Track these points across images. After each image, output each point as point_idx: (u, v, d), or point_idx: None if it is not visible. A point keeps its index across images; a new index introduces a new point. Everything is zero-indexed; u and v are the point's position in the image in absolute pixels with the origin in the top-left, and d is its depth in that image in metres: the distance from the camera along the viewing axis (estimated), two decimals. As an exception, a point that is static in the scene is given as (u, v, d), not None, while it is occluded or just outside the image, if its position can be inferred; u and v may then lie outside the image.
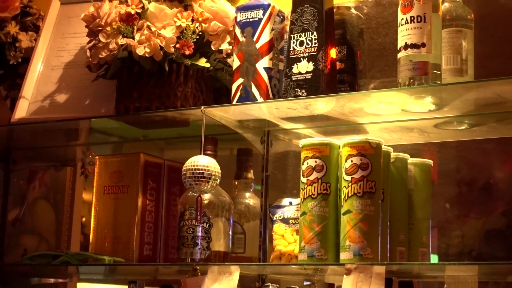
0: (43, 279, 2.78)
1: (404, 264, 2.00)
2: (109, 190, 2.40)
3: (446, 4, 1.99)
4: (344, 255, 1.93)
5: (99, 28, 2.26)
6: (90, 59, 2.29)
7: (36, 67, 2.54)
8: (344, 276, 1.88)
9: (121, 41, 2.21)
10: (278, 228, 2.15)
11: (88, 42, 2.31)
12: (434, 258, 2.14)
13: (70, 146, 2.75)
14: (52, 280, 2.79)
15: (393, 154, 2.04)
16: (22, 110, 2.49)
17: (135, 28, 2.21)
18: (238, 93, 2.12)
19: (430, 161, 2.10)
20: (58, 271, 2.61)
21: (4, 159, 2.76)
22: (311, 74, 2.02)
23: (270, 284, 2.06)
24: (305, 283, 2.27)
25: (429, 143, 2.27)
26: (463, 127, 2.17)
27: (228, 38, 2.21)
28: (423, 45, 1.91)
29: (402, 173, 2.04)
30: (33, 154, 2.79)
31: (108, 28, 2.23)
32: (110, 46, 2.22)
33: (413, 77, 1.91)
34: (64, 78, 2.49)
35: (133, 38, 2.20)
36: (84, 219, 2.83)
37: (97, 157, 2.47)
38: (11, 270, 2.68)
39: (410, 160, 2.07)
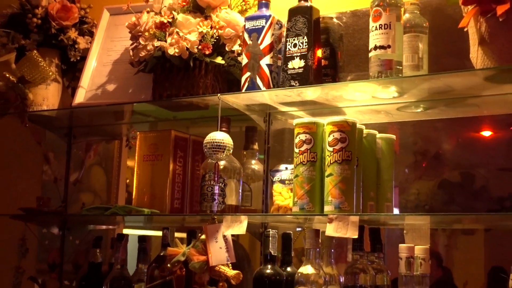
0: (97, 226, 2.80)
1: (373, 215, 2.01)
2: (147, 158, 2.40)
3: (407, 15, 1.98)
4: (327, 208, 1.93)
5: (139, 34, 2.25)
6: (132, 57, 2.29)
7: (91, 64, 2.53)
8: (327, 223, 1.89)
9: (156, 43, 2.21)
10: (277, 187, 2.16)
11: (131, 44, 2.31)
12: (396, 211, 2.13)
13: (118, 124, 2.72)
14: (104, 227, 2.80)
15: (365, 131, 2.04)
16: (80, 97, 2.48)
17: (167, 33, 2.20)
18: (246, 84, 2.11)
19: (394, 136, 2.09)
20: (108, 220, 2.62)
21: (67, 134, 2.74)
22: (302, 69, 2.02)
23: (270, 229, 2.07)
24: (297, 229, 2.28)
25: (393, 122, 2.24)
26: (419, 110, 2.16)
27: (238, 41, 2.20)
28: (389, 46, 1.90)
29: (372, 145, 2.04)
30: (89, 130, 2.77)
31: (146, 34, 2.23)
32: (148, 47, 2.22)
33: (381, 71, 1.91)
34: (112, 72, 2.48)
35: (166, 41, 2.20)
36: (128, 180, 2.83)
37: (138, 132, 2.47)
38: (73, 219, 2.70)
39: (378, 135, 2.07)
